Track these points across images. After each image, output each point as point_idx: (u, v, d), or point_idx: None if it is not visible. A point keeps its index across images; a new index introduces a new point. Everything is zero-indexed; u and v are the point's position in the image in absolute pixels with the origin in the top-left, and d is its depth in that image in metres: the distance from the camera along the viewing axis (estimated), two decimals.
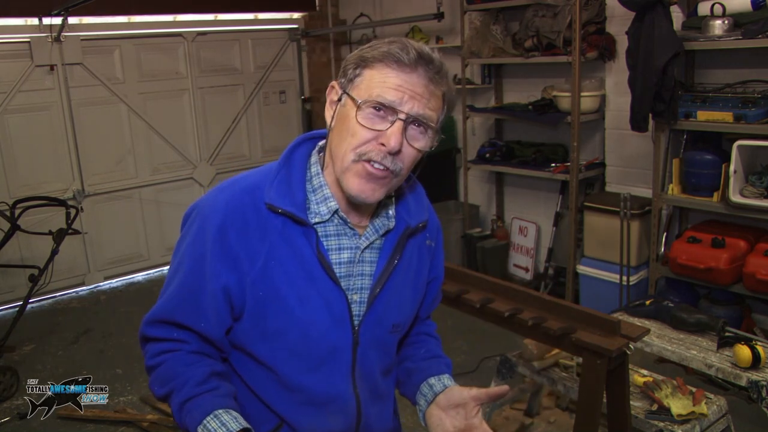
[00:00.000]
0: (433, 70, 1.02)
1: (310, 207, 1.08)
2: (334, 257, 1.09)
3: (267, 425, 1.14)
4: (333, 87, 1.09)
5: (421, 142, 1.05)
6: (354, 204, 1.09)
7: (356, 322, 1.12)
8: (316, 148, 1.14)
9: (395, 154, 1.02)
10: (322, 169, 1.11)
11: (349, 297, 1.11)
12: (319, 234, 1.08)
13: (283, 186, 1.07)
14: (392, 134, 1.01)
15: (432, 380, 1.21)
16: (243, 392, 1.15)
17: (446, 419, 1.15)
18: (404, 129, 1.02)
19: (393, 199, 1.17)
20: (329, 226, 1.10)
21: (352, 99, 1.03)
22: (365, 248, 1.12)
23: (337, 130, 1.06)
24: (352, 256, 1.11)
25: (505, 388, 1.12)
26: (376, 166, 1.02)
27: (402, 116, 1.01)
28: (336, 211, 1.09)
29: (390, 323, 1.17)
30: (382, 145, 1.01)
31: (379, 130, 1.01)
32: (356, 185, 1.03)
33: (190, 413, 1.04)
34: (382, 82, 1.01)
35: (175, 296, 1.09)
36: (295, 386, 1.12)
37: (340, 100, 1.06)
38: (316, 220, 1.08)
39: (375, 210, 1.14)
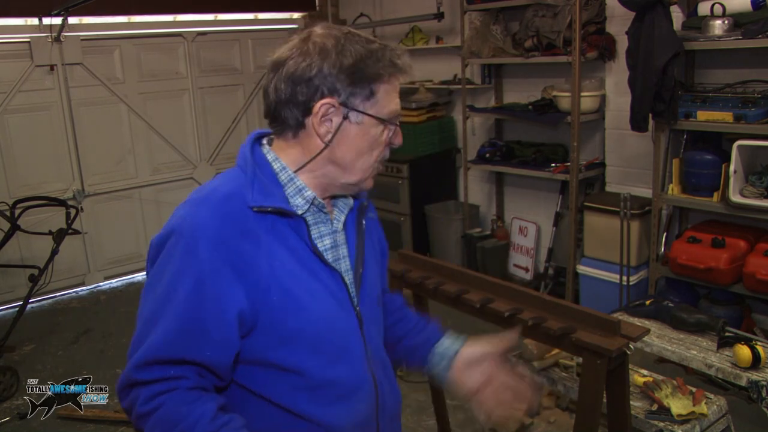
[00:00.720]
0: None
1: (289, 201, 1.09)
2: (320, 245, 1.12)
3: None
4: (332, 105, 1.04)
5: None
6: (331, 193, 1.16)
7: (355, 302, 1.16)
8: (268, 147, 1.14)
9: None
10: (295, 170, 1.10)
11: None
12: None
13: (262, 187, 1.07)
14: (398, 132, 1.14)
15: (439, 348, 1.33)
16: (264, 411, 1.09)
17: (468, 377, 1.28)
18: None
19: None
20: (308, 217, 1.11)
21: (376, 118, 1.08)
22: (339, 230, 1.17)
23: (350, 145, 1.09)
24: (333, 240, 1.15)
25: (513, 335, 1.29)
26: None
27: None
28: (313, 200, 1.11)
29: (375, 295, 1.24)
30: (391, 143, 1.14)
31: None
32: (371, 183, 1.17)
33: None
34: (393, 93, 1.10)
35: (171, 330, 0.99)
36: (322, 382, 1.10)
37: (346, 117, 1.06)
38: (298, 212, 1.09)
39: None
